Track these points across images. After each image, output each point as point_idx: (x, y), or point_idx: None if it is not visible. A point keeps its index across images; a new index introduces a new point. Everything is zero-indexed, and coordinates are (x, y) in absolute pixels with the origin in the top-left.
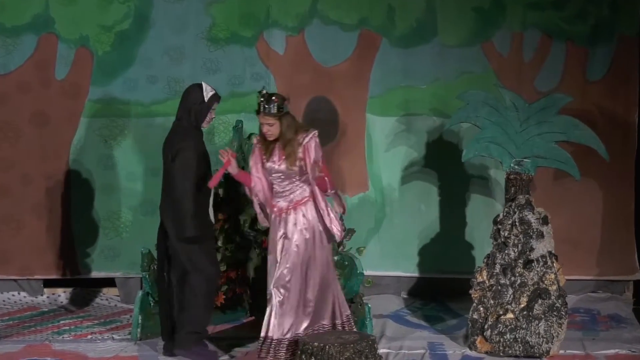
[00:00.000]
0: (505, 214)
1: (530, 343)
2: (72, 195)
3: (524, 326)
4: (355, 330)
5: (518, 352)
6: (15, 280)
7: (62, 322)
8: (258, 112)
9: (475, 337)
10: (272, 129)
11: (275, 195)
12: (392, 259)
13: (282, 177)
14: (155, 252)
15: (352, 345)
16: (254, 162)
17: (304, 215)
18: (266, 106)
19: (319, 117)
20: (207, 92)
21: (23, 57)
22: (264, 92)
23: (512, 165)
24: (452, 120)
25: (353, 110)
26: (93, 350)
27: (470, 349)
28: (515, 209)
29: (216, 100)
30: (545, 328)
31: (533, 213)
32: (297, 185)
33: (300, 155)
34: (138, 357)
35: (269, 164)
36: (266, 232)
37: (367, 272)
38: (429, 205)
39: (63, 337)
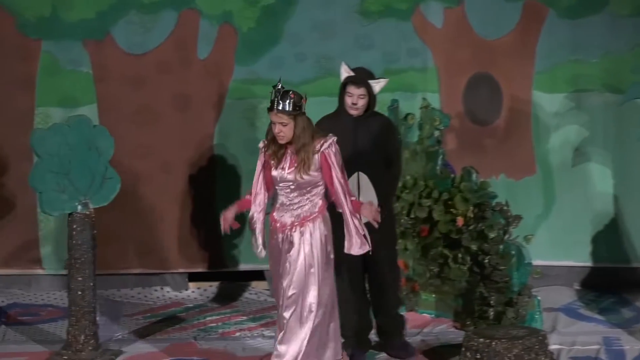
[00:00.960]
0: None
1: None
2: (217, 183)
3: None
4: None
5: None
6: (157, 274)
7: (208, 318)
8: (271, 108)
9: None
10: (285, 130)
11: (278, 208)
12: (562, 248)
13: (292, 187)
14: None
15: (520, 341)
16: (257, 172)
17: (310, 234)
18: (281, 102)
19: (481, 95)
20: (342, 75)
21: (162, 35)
22: (279, 86)
23: None
24: (628, 96)
25: (518, 87)
26: (242, 348)
27: None
28: None
29: (349, 83)
30: None
31: None
32: (307, 199)
33: (316, 164)
34: None
35: (276, 172)
36: (425, 219)
37: (535, 262)
38: (602, 188)
39: (209, 335)
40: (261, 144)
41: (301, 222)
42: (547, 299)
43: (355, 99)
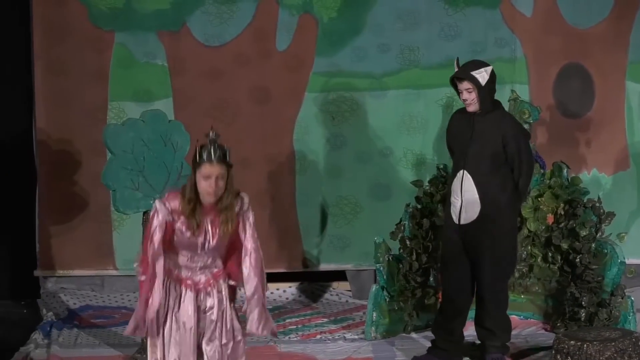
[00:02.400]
0: None
1: None
2: (297, 179)
3: None
4: None
5: None
6: None
7: (287, 320)
8: (206, 159)
9: None
10: (222, 185)
11: (186, 267)
12: None
13: (211, 250)
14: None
15: (613, 343)
16: (156, 237)
17: (219, 291)
18: (218, 150)
19: (572, 86)
20: None
21: (240, 26)
22: (212, 134)
23: None
24: None
25: (611, 78)
26: (323, 351)
27: None
28: None
29: (454, 79)
30: None
31: None
32: (218, 258)
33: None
34: (373, 358)
35: (198, 239)
36: None
37: (629, 261)
38: None
39: (289, 338)
40: (161, 204)
41: (215, 277)
42: None
43: (464, 95)
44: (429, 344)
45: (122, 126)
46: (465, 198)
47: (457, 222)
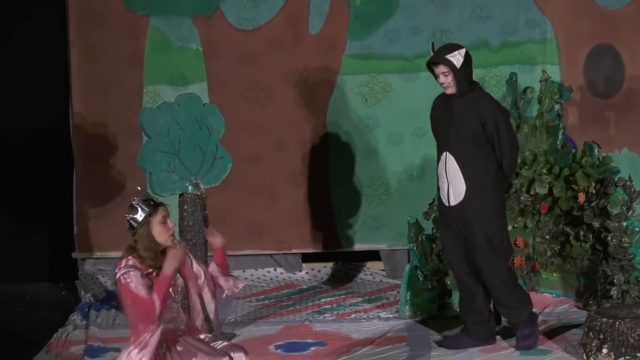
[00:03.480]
0: None
1: None
2: (331, 161)
3: None
4: None
5: None
6: (270, 255)
7: (322, 300)
8: (152, 208)
9: None
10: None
11: (165, 322)
12: None
13: (178, 298)
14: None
15: None
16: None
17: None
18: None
19: (603, 68)
20: None
21: (273, 10)
22: (142, 191)
23: None
24: None
25: None
26: (357, 330)
27: None
28: None
29: (430, 64)
30: None
31: None
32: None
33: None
34: (407, 337)
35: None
36: (546, 196)
37: None
38: None
39: (324, 317)
40: (134, 262)
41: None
42: None
43: (441, 78)
44: (461, 323)
45: (157, 110)
46: (451, 180)
47: (447, 205)
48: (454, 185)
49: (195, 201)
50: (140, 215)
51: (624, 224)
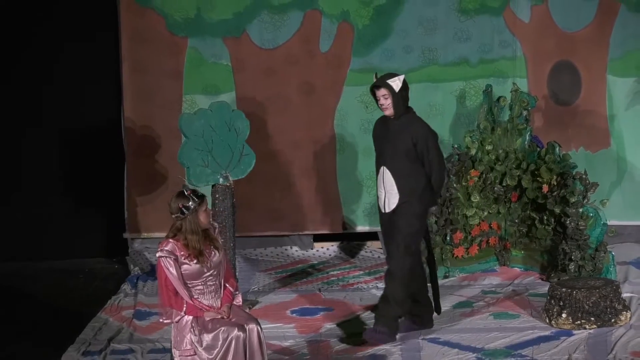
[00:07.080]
0: None
1: None
2: (338, 157)
3: None
4: None
5: None
6: (287, 236)
7: (330, 273)
8: (198, 200)
9: None
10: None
11: (202, 295)
12: (634, 209)
13: (215, 273)
14: None
15: (597, 290)
16: (176, 276)
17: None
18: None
19: (563, 79)
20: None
21: (290, 32)
22: (184, 186)
23: None
24: None
25: (595, 72)
26: (360, 298)
27: None
28: None
29: (373, 88)
30: None
31: None
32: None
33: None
34: None
35: (202, 266)
36: (515, 187)
37: (610, 222)
38: None
39: (332, 287)
40: (165, 258)
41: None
42: (620, 254)
43: (381, 100)
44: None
45: (194, 115)
46: (387, 190)
47: (384, 211)
48: (389, 195)
49: (225, 191)
50: (191, 204)
51: (580, 210)
